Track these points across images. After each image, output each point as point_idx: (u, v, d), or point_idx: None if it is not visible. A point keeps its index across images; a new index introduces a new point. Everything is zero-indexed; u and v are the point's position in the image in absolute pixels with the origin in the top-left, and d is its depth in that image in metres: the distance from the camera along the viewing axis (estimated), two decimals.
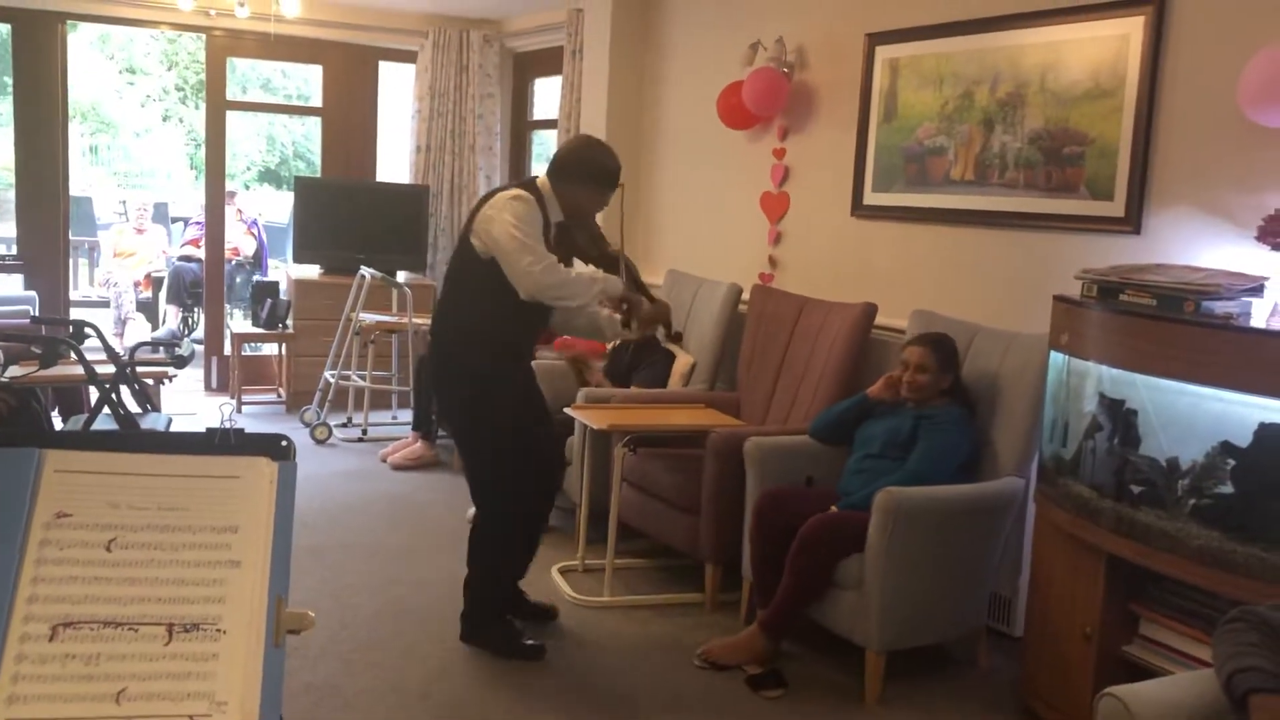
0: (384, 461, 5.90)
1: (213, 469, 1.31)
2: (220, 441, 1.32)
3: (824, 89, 4.80)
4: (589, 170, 3.51)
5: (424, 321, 6.60)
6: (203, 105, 7.65)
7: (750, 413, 4.59)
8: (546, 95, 7.71)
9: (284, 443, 1.34)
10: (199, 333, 8.63)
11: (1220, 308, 2.77)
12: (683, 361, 5.00)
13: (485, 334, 3.46)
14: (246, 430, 1.37)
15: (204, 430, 1.36)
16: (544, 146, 7.85)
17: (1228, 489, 2.76)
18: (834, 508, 3.53)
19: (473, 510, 4.93)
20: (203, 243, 8.18)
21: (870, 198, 4.53)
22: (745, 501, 3.79)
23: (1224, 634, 2.06)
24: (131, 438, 1.52)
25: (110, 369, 4.56)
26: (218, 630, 1.22)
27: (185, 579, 1.24)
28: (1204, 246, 3.27)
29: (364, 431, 6.41)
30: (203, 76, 7.96)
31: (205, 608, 1.23)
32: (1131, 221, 3.50)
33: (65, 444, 1.30)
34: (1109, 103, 3.57)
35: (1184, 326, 2.75)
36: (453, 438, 3.94)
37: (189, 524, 1.27)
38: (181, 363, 4.65)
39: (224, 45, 7.32)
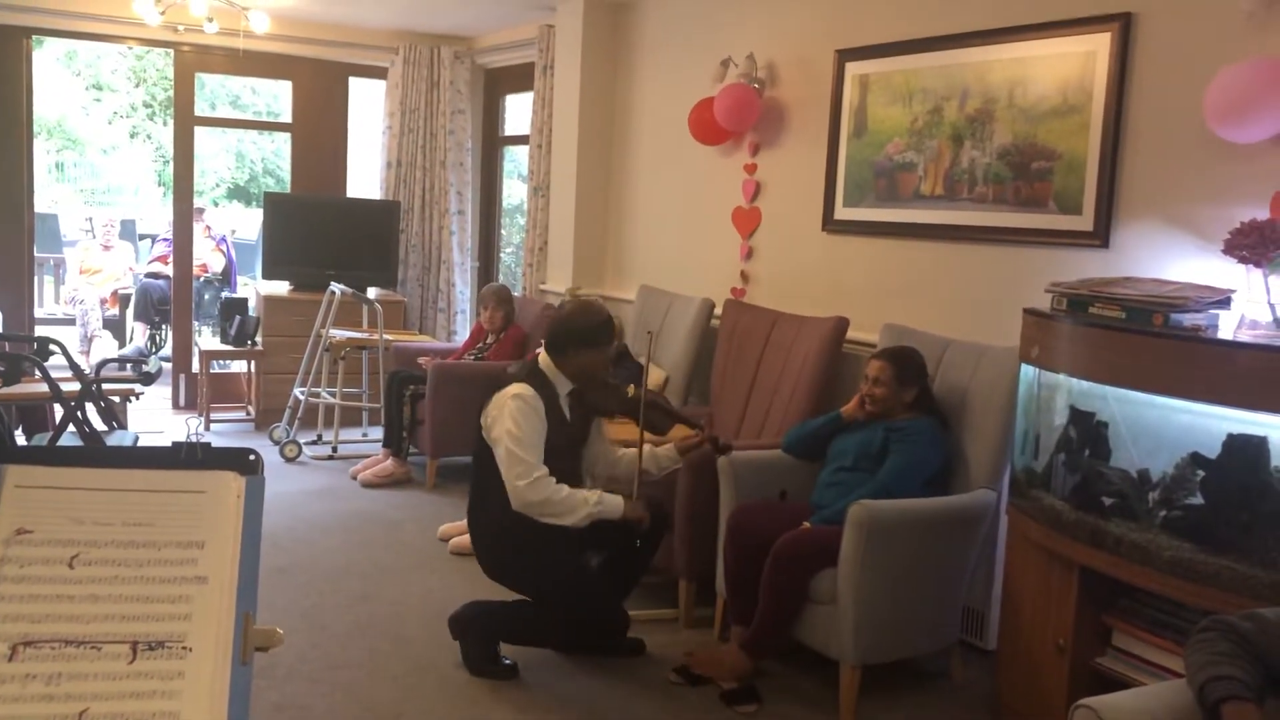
0: (354, 479, 5.84)
1: (179, 484, 1.28)
2: (186, 456, 1.30)
3: (795, 105, 4.82)
4: (578, 337, 3.54)
5: (395, 337, 6.57)
6: (171, 122, 7.59)
7: (724, 426, 4.59)
8: (518, 111, 7.71)
9: (251, 457, 1.32)
10: (167, 350, 8.54)
11: (1189, 320, 2.79)
12: (655, 376, 4.99)
13: (518, 518, 3.42)
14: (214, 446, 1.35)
15: (170, 444, 1.33)
16: (516, 163, 7.85)
17: (1198, 500, 2.78)
18: (807, 523, 3.53)
19: (444, 527, 4.93)
20: (170, 259, 8.10)
21: (841, 213, 4.55)
22: (719, 516, 3.78)
23: (1196, 644, 2.07)
24: (95, 453, 1.49)
25: (75, 386, 4.50)
26: (183, 648, 1.19)
27: (150, 596, 1.22)
28: (1172, 260, 3.30)
29: (334, 449, 6.36)
30: (171, 93, 7.90)
31: (171, 625, 1.20)
32: (1100, 235, 3.53)
33: (26, 459, 1.27)
34: (1076, 118, 3.60)
35: (1153, 339, 2.77)
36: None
37: (154, 539, 1.25)
38: (148, 379, 4.59)
39: (192, 61, 7.27)
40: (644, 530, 3.49)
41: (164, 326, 8.97)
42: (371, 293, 6.96)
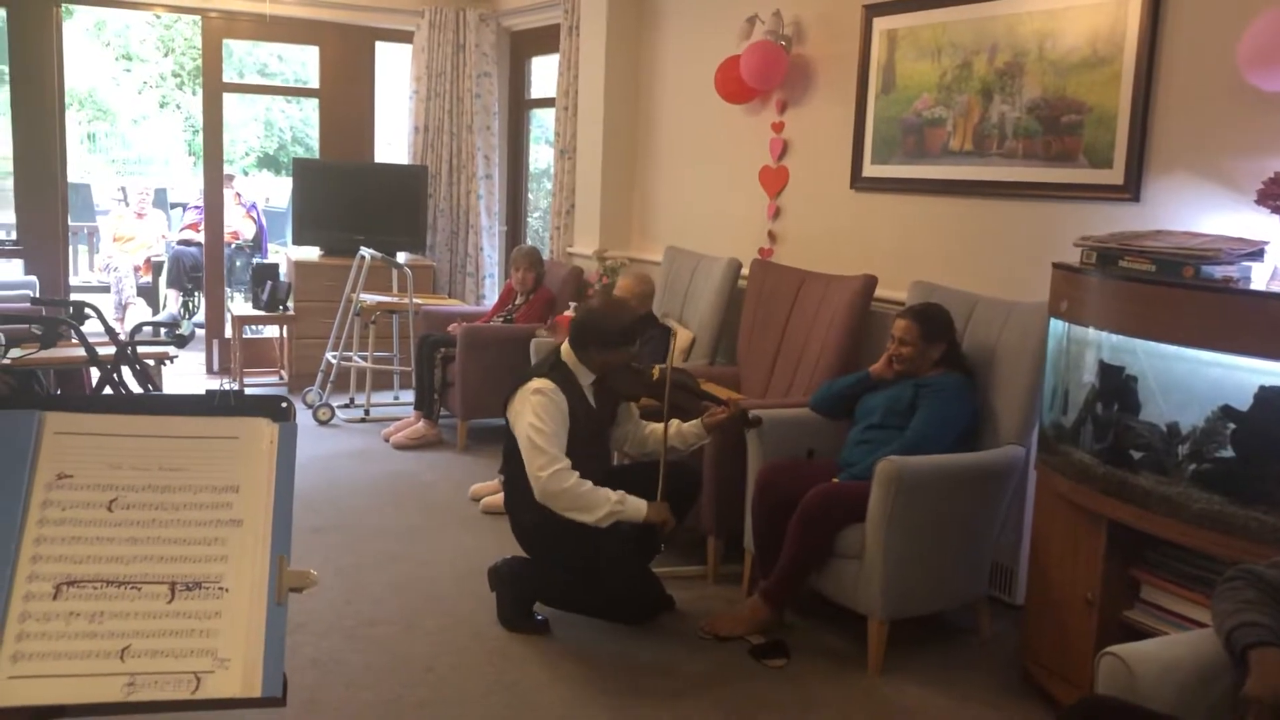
0: (386, 441, 5.90)
1: (212, 430, 1.31)
2: (219, 403, 1.33)
3: (822, 62, 4.78)
4: (601, 339, 3.52)
5: (424, 301, 6.61)
6: (200, 91, 7.63)
7: (751, 387, 4.60)
8: (544, 73, 7.68)
9: (283, 404, 1.35)
10: (199, 316, 8.63)
11: (1220, 272, 2.77)
12: (683, 337, 5.00)
13: (551, 513, 3.41)
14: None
15: (203, 392, 1.36)
16: (543, 127, 7.84)
17: (1228, 453, 2.77)
18: (836, 479, 3.54)
19: (475, 486, 4.98)
20: (202, 227, 8.16)
21: (869, 170, 4.52)
22: (747, 474, 3.80)
23: (1223, 592, 2.07)
24: (131, 400, 1.52)
25: (111, 350, 4.57)
26: (220, 588, 1.23)
27: (187, 538, 1.25)
28: (1204, 212, 3.26)
29: (366, 412, 6.42)
30: (199, 62, 7.93)
31: (207, 566, 1.24)
32: (1130, 189, 3.49)
33: (65, 407, 1.30)
34: (1107, 70, 3.55)
35: (1184, 291, 2.74)
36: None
37: (189, 484, 1.28)
38: (182, 342, 4.66)
39: (220, 27, 7.30)
40: (668, 534, 3.43)
41: (196, 293, 9.07)
42: (401, 257, 7.00)
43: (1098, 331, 3.07)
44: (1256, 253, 2.84)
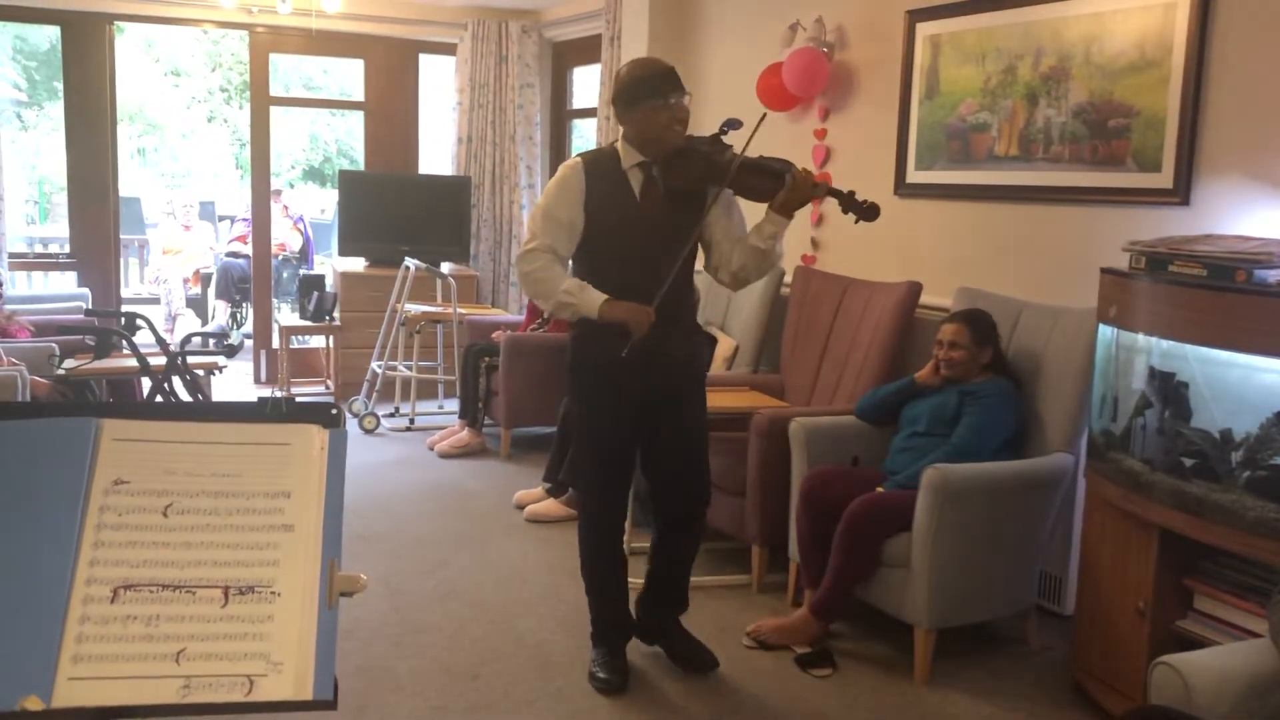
0: (431, 450, 5.95)
1: (264, 436, 1.33)
2: (271, 409, 1.35)
3: (864, 68, 4.76)
4: (628, 93, 3.05)
5: (468, 311, 6.65)
6: (246, 105, 7.74)
7: (795, 394, 4.58)
8: (586, 84, 7.72)
9: (334, 410, 1.36)
10: (247, 327, 8.74)
11: (1273, 276, 2.72)
12: (725, 345, 4.99)
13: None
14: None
15: (255, 399, 1.38)
16: (585, 139, 7.87)
17: None
18: (880, 488, 3.52)
19: (519, 494, 5.00)
20: (249, 239, 8.28)
21: (913, 176, 4.50)
22: (791, 483, 3.79)
23: (1278, 602, 2.03)
24: (185, 407, 1.55)
25: (162, 361, 4.64)
26: (272, 593, 1.24)
27: (240, 543, 1.27)
28: (1255, 215, 3.21)
29: (411, 421, 6.47)
30: (246, 77, 8.05)
31: (260, 571, 1.26)
32: (1180, 193, 3.45)
33: (121, 414, 1.33)
34: (1155, 73, 3.51)
35: (1236, 296, 2.70)
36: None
37: (242, 489, 1.30)
38: (231, 351, 4.73)
39: (266, 42, 7.40)
40: (638, 343, 2.94)
41: (244, 304, 9.19)
42: (445, 267, 7.05)
43: (1148, 337, 3.03)
44: None
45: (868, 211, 3.09)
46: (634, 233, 3.06)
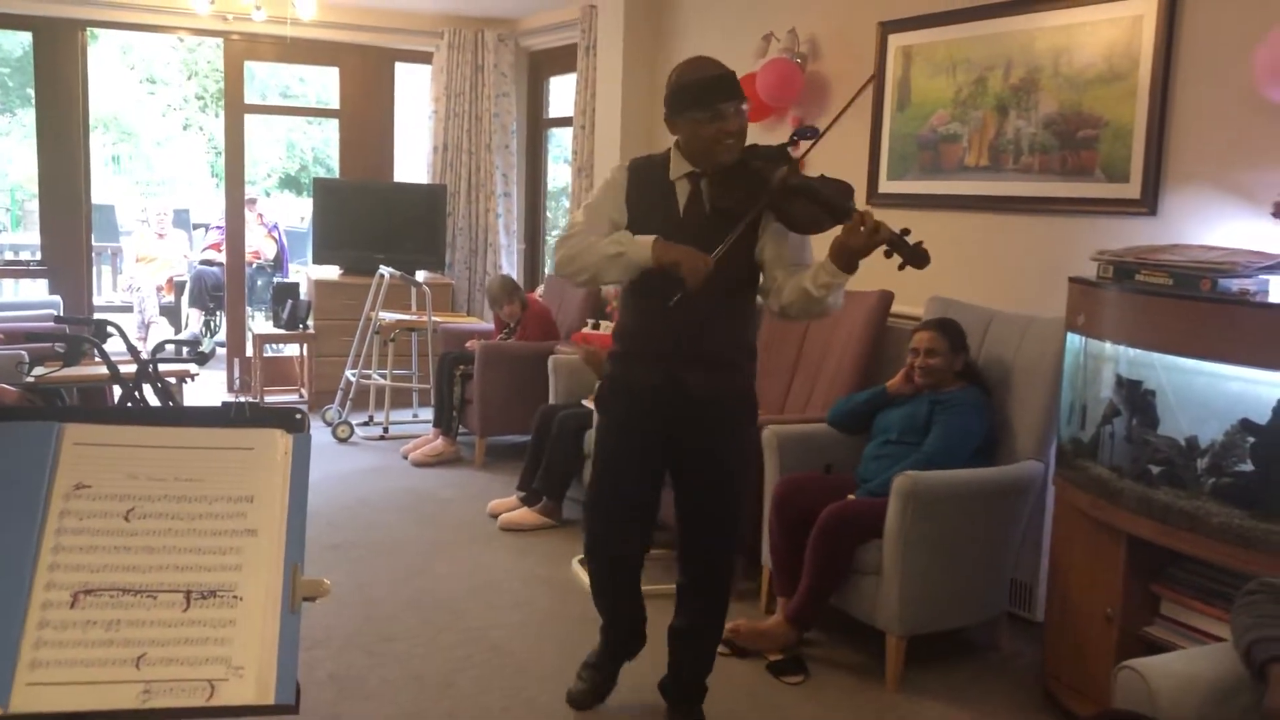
0: (405, 459, 5.93)
1: (228, 440, 1.33)
2: (235, 414, 1.34)
3: (837, 79, 4.79)
4: (673, 100, 2.72)
5: (443, 319, 6.64)
6: (222, 113, 7.72)
7: (768, 402, 4.59)
8: (562, 93, 7.73)
9: (298, 415, 1.36)
10: (221, 335, 8.70)
11: (1237, 285, 2.76)
12: None
13: (615, 326, 2.98)
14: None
15: (220, 404, 1.38)
16: (561, 147, 7.88)
17: (1248, 467, 2.75)
18: (852, 495, 3.53)
19: (494, 503, 4.99)
20: (224, 247, 8.24)
21: (885, 186, 4.53)
22: (764, 490, 3.80)
23: (1242, 606, 2.05)
24: (148, 412, 1.54)
25: (133, 368, 4.61)
26: (234, 597, 1.24)
27: (202, 547, 1.26)
28: (1220, 226, 3.25)
29: (385, 429, 6.45)
30: (222, 85, 8.02)
31: (222, 575, 1.25)
32: (1147, 203, 3.49)
33: (83, 418, 1.32)
34: (1123, 85, 3.55)
35: (1202, 304, 2.74)
36: None
37: (205, 494, 1.29)
38: (203, 359, 4.71)
39: (241, 49, 7.38)
40: (693, 286, 2.57)
41: (218, 312, 9.14)
42: (420, 276, 7.04)
43: (1115, 346, 3.06)
44: (1274, 265, 2.82)
45: (917, 256, 2.60)
46: (675, 235, 2.67)
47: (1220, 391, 2.80)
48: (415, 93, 8.41)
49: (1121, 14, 3.54)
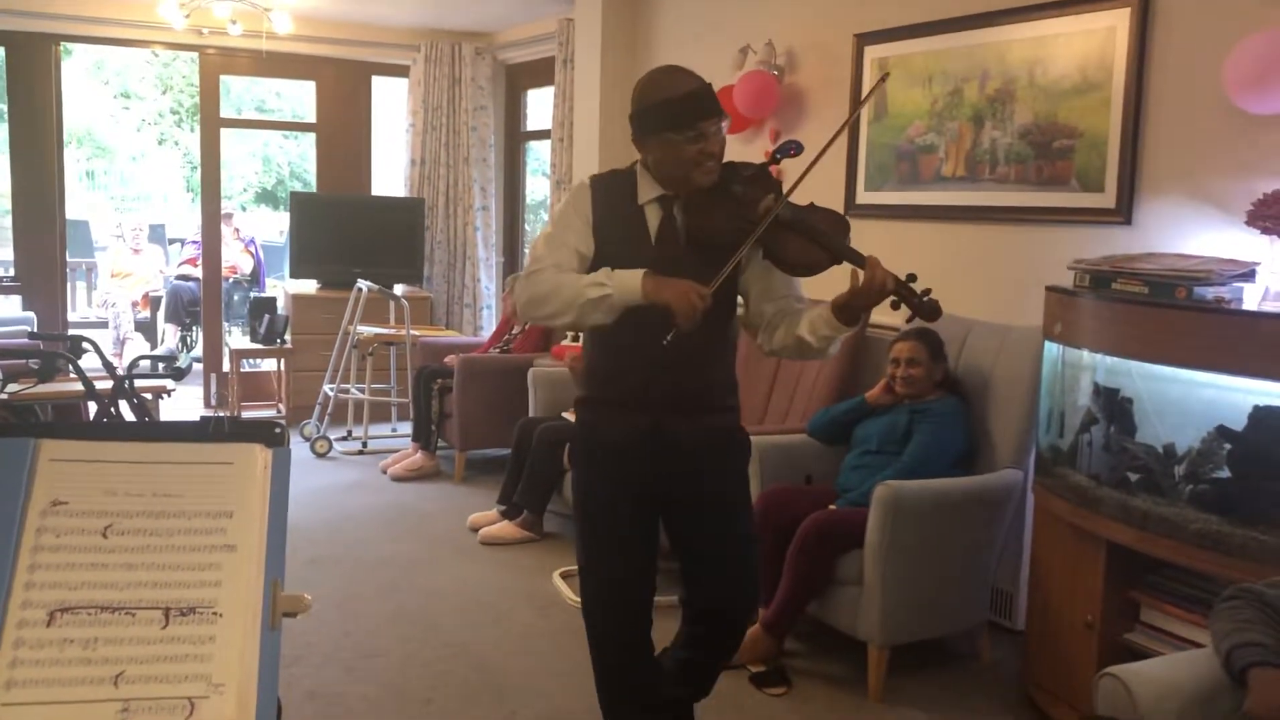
0: (384, 473, 5.90)
1: (207, 455, 1.32)
2: (214, 429, 1.33)
3: (814, 90, 4.82)
4: (642, 118, 2.39)
5: (421, 333, 6.62)
6: (198, 127, 7.68)
7: (748, 413, 4.58)
8: (540, 105, 7.74)
9: (277, 429, 1.35)
10: (198, 350, 8.64)
11: (1212, 293, 2.78)
12: None
13: (583, 369, 2.62)
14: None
15: (198, 418, 1.37)
16: (540, 160, 7.88)
17: (1224, 473, 2.77)
18: (833, 506, 3.54)
19: (473, 517, 4.97)
20: (200, 261, 8.19)
21: (863, 197, 4.55)
22: None
23: (1222, 612, 2.07)
24: (126, 427, 1.53)
25: (109, 385, 4.57)
26: (214, 613, 1.23)
27: (181, 563, 1.25)
28: (1195, 234, 3.28)
29: (364, 444, 6.42)
30: (197, 99, 7.99)
31: (201, 591, 1.24)
32: (1122, 212, 3.51)
33: (60, 434, 1.31)
34: (1097, 95, 3.58)
35: (1176, 312, 2.76)
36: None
37: (184, 510, 1.28)
38: (179, 375, 4.66)
39: (217, 64, 7.35)
40: (687, 326, 2.22)
41: (194, 327, 9.08)
42: (398, 289, 7.02)
43: (1092, 354, 3.08)
44: (1247, 273, 2.86)
45: (926, 310, 2.37)
46: (646, 263, 2.33)
47: (1197, 398, 2.82)
48: (392, 106, 8.40)
49: (1095, 25, 3.57)
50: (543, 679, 3.41)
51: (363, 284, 6.33)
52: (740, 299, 2.55)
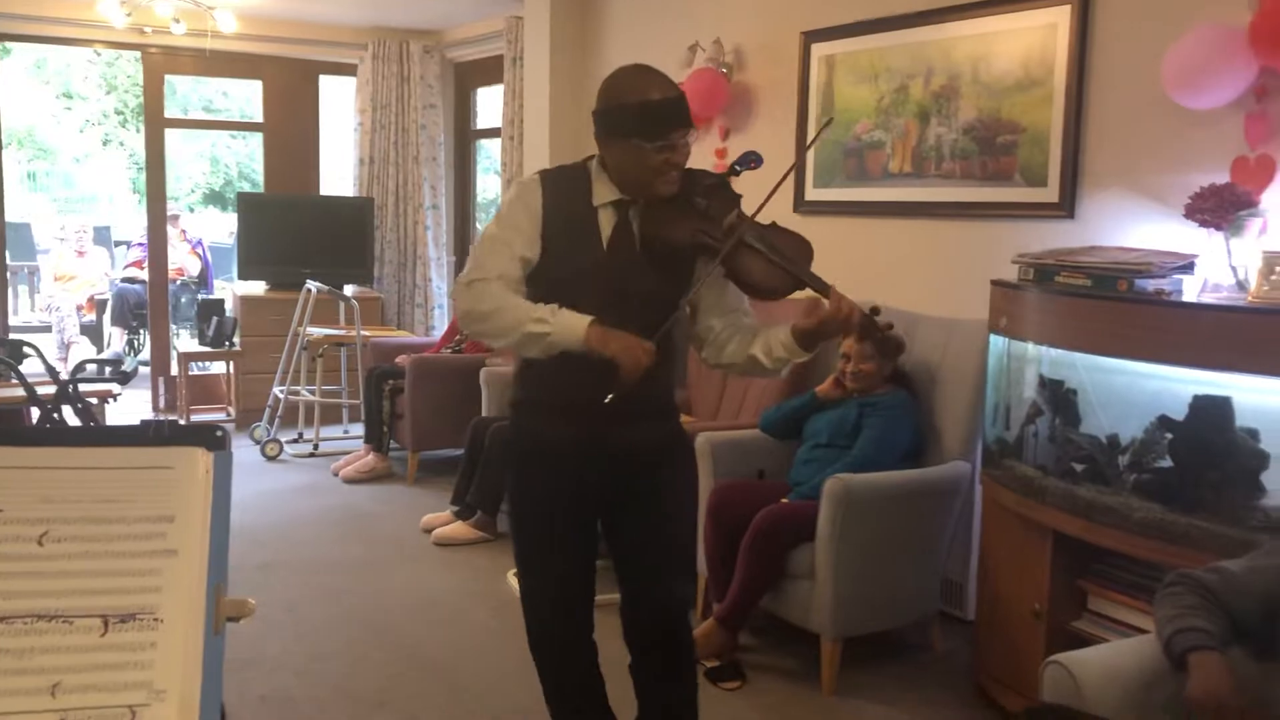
0: (336, 475, 5.85)
1: (146, 460, 1.30)
2: (154, 433, 1.31)
3: (763, 88, 4.84)
4: (609, 119, 2.28)
5: (372, 333, 6.57)
6: (143, 128, 7.57)
7: (702, 409, 4.61)
8: (489, 104, 7.71)
9: (218, 432, 1.33)
10: (145, 354, 8.52)
11: (1153, 285, 2.83)
12: None
13: (518, 370, 2.52)
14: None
15: (137, 422, 1.34)
16: (491, 159, 7.84)
17: (1166, 462, 2.82)
18: (785, 499, 3.56)
19: (426, 518, 4.94)
20: (146, 264, 8.07)
21: (811, 194, 4.58)
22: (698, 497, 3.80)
23: (1163, 598, 2.10)
24: (63, 432, 1.50)
25: (52, 389, 4.49)
26: (155, 619, 1.21)
27: (120, 570, 1.23)
28: (1136, 227, 3.34)
29: (315, 446, 6.35)
30: (142, 99, 7.87)
31: (141, 598, 1.22)
32: (1065, 206, 3.56)
33: None
34: (1039, 91, 3.63)
35: (1118, 304, 2.80)
36: None
37: (124, 515, 1.26)
38: (125, 378, 4.59)
39: (161, 63, 7.25)
40: (628, 381, 2.15)
41: (141, 331, 8.95)
42: (348, 290, 6.96)
43: (1037, 346, 3.12)
44: (1187, 265, 2.91)
45: (889, 345, 2.28)
46: (594, 290, 2.26)
47: (1139, 389, 2.87)
48: (340, 105, 8.33)
49: (1037, 22, 3.62)
50: (497, 679, 3.40)
51: (312, 285, 6.27)
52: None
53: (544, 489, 2.42)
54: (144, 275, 8.43)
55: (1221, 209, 2.86)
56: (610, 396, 2.14)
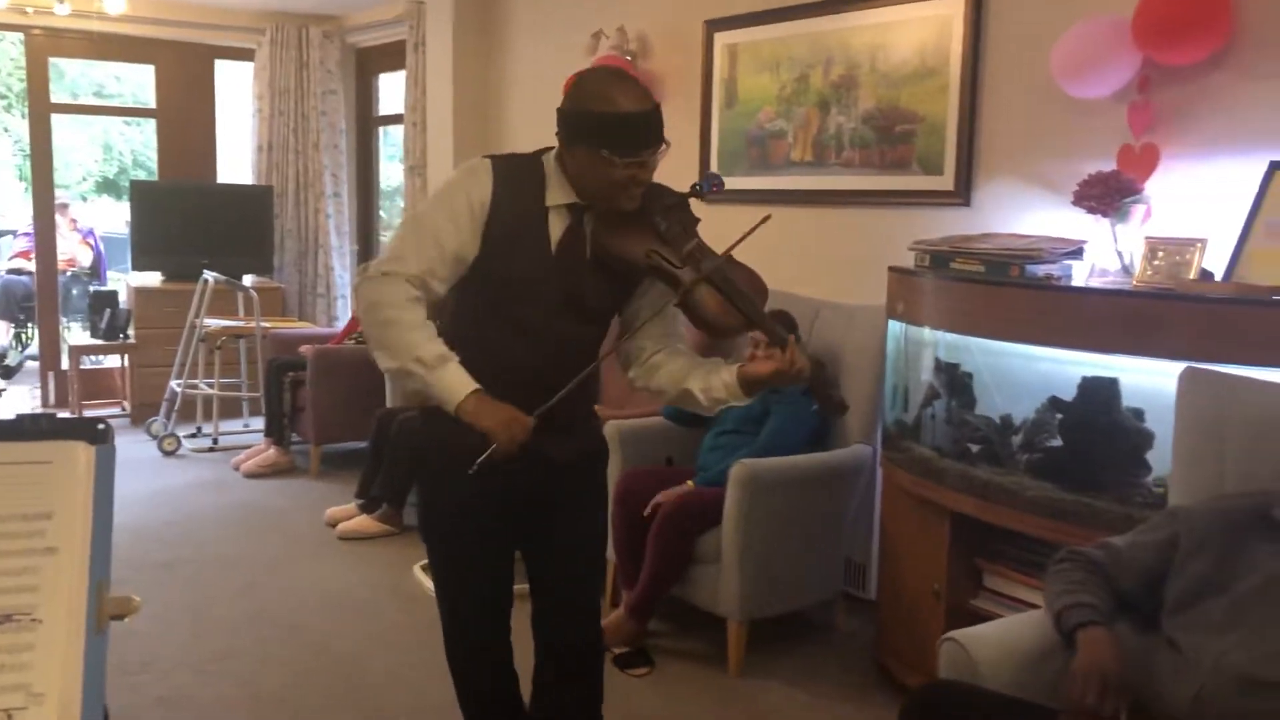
0: (237, 470, 5.72)
1: (22, 455, 1.25)
2: (30, 427, 1.26)
3: (667, 76, 4.85)
4: (576, 122, 2.10)
5: (272, 325, 6.43)
6: (28, 113, 7.29)
7: (611, 398, 4.61)
8: (392, 90, 7.59)
9: (100, 426, 1.29)
10: (34, 348, 8.22)
11: (1043, 270, 2.91)
12: None
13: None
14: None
15: (13, 416, 1.29)
16: (395, 146, 7.73)
17: (1057, 442, 2.91)
18: (690, 483, 3.58)
19: (330, 511, 4.86)
20: (34, 254, 7.78)
21: None
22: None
23: (1053, 574, 2.17)
24: None
25: None
26: (32, 620, 1.16)
27: None
28: (1028, 214, 3.43)
29: (215, 441, 6.21)
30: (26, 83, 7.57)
31: (18, 598, 1.17)
32: (961, 194, 3.64)
33: None
34: (935, 81, 3.70)
35: (1010, 289, 2.87)
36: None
37: None
38: (10, 373, 4.42)
39: (45, 45, 6.98)
40: (503, 454, 2.03)
41: (30, 324, 8.63)
42: (247, 280, 6.81)
43: (933, 331, 3.19)
44: (1076, 251, 2.99)
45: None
46: (537, 294, 2.15)
47: (1031, 371, 2.95)
48: (238, 91, 8.12)
49: (932, 13, 3.69)
50: (406, 673, 3.37)
51: (209, 275, 6.11)
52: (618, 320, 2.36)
53: (459, 504, 2.27)
54: (31, 266, 8.13)
55: (1108, 196, 2.95)
56: (476, 466, 2.00)
